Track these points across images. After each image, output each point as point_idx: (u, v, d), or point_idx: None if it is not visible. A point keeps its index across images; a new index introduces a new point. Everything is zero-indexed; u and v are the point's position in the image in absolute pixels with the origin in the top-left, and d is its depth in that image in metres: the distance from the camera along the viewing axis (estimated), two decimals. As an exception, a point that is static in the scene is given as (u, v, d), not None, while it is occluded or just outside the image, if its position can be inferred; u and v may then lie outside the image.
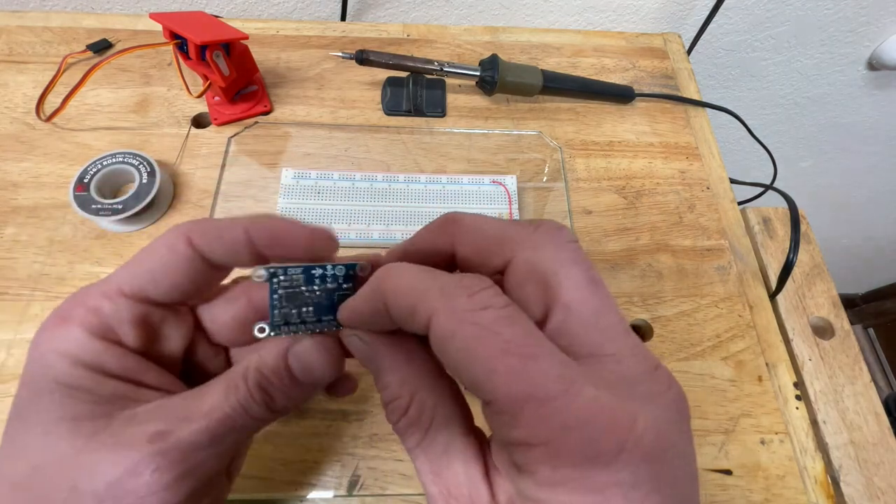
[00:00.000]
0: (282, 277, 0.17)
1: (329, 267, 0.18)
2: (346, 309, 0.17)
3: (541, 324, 0.15)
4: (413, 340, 0.17)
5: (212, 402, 0.16)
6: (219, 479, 0.18)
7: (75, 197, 0.32)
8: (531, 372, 0.12)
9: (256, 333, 0.17)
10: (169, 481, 0.15)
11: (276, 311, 0.17)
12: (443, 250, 0.16)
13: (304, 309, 0.17)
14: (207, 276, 0.18)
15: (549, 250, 0.15)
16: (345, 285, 0.18)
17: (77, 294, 0.17)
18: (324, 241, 0.18)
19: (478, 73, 0.41)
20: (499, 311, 0.13)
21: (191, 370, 0.19)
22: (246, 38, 0.35)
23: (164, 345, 0.18)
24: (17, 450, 0.15)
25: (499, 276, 0.16)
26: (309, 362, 0.17)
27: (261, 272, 0.17)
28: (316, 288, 0.17)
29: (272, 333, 0.17)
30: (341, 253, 0.19)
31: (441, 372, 0.17)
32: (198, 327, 0.19)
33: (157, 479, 0.15)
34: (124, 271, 0.17)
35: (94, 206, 0.32)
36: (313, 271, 0.17)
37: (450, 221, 0.16)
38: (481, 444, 0.16)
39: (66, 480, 0.15)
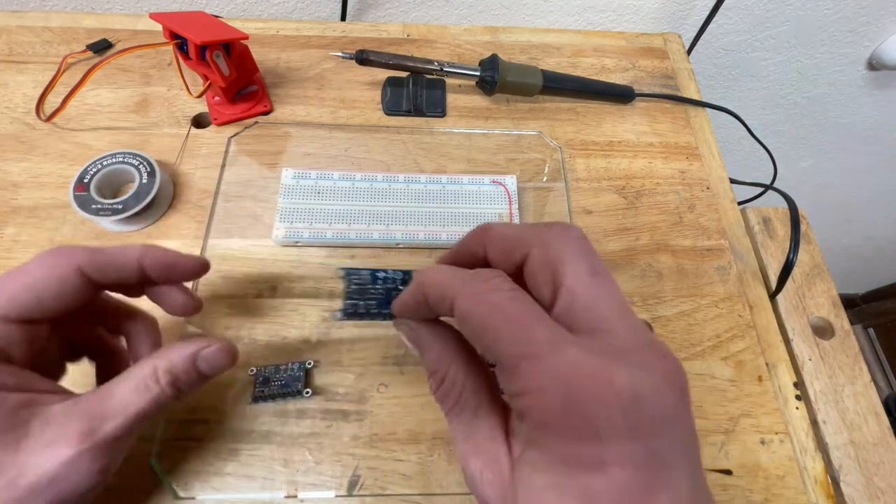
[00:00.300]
0: (354, 277, 0.23)
1: (390, 271, 0.23)
2: (397, 302, 0.21)
3: (550, 306, 0.17)
4: (449, 328, 0.20)
5: (126, 399, 0.20)
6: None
7: (75, 197, 0.32)
8: (527, 336, 0.15)
9: (332, 317, 0.25)
10: (102, 466, 0.19)
11: (348, 301, 0.23)
12: (478, 253, 0.20)
13: (368, 300, 0.23)
14: (92, 293, 0.22)
15: (557, 245, 0.18)
16: (401, 287, 0.23)
17: None
18: (203, 270, 0.25)
19: (478, 73, 0.41)
20: (505, 292, 0.17)
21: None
22: (246, 38, 0.35)
23: (46, 352, 0.22)
24: None
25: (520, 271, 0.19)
26: (215, 362, 0.22)
27: (341, 271, 0.23)
28: (379, 286, 0.23)
29: (343, 317, 0.23)
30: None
31: (472, 353, 0.20)
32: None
33: (94, 466, 0.19)
34: (2, 298, 0.19)
35: (94, 206, 0.32)
36: (378, 273, 0.23)
37: (482, 230, 0.20)
38: (505, 413, 0.18)
39: (2, 480, 0.18)
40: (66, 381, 0.24)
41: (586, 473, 0.14)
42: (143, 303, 0.25)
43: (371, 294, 0.23)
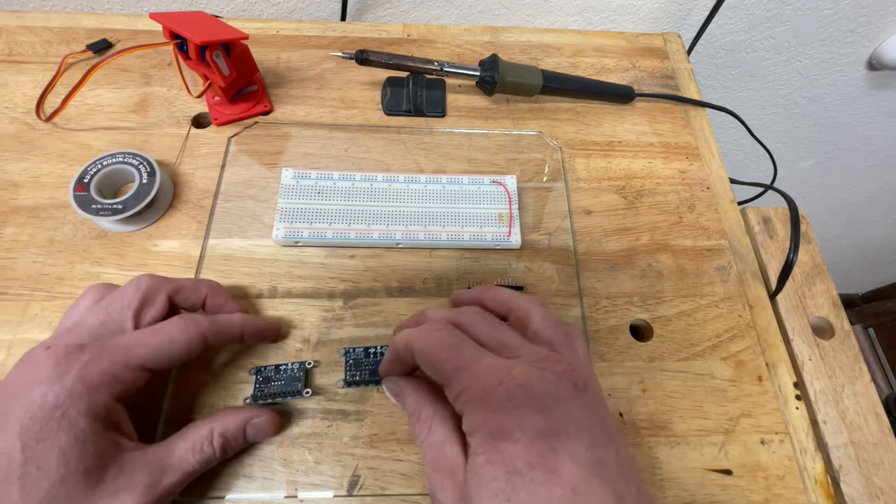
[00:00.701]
0: (352, 353, 0.29)
1: (380, 348, 0.30)
2: (381, 364, 0.27)
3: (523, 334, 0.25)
4: (421, 381, 0.26)
5: (183, 457, 0.23)
6: None
7: (75, 197, 0.32)
8: (458, 354, 0.22)
9: (338, 385, 0.29)
10: None
11: (348, 373, 0.29)
12: (409, 363, 0.25)
13: (364, 371, 0.29)
14: None
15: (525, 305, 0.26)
16: None
17: (100, 357, 0.22)
18: (280, 333, 0.30)
19: (478, 73, 0.41)
20: (443, 331, 0.23)
21: None
22: (246, 38, 0.35)
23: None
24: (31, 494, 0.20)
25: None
26: (262, 431, 0.27)
27: (341, 350, 0.30)
28: (371, 360, 0.29)
29: (345, 386, 0.29)
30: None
31: (439, 397, 0.24)
32: None
33: None
34: (143, 349, 0.23)
35: (94, 206, 0.32)
36: (370, 349, 0.29)
37: (398, 349, 0.25)
38: (463, 435, 0.22)
39: None
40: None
41: (503, 442, 0.19)
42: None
43: (365, 366, 0.29)
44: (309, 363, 0.29)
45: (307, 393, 0.28)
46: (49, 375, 0.21)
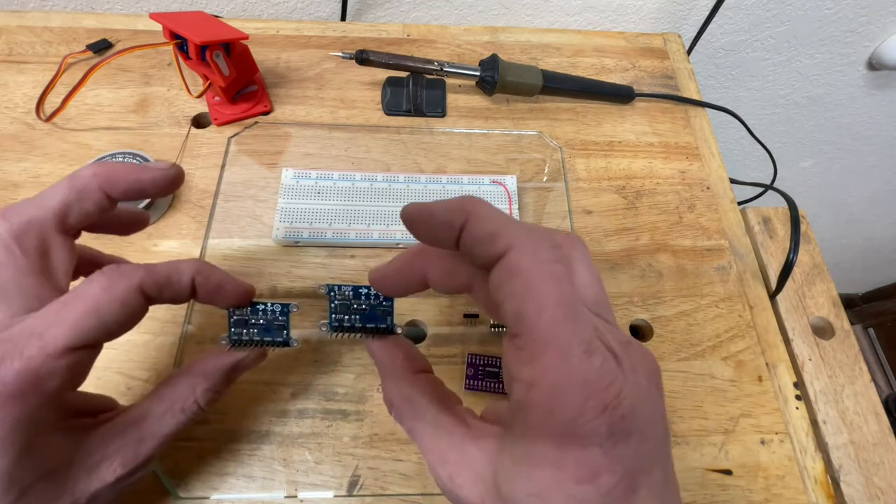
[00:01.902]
0: (337, 292, 0.22)
1: (370, 289, 0.22)
2: (420, 213, 0.18)
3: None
4: (399, 347, 0.22)
5: (159, 420, 0.21)
6: None
7: (75, 197, 0.32)
8: (568, 329, 0.14)
9: (321, 328, 0.23)
10: (135, 480, 0.21)
11: (333, 316, 0.23)
12: (455, 225, 0.17)
13: (353, 315, 0.23)
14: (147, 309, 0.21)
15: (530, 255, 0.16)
16: (385, 302, 0.23)
17: (10, 356, 0.17)
18: (249, 296, 0.23)
19: (478, 73, 0.41)
20: (566, 270, 0.15)
21: None
22: (246, 38, 0.35)
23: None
24: None
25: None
26: (251, 364, 0.24)
27: (323, 288, 0.23)
28: (362, 302, 0.23)
29: (331, 333, 0.23)
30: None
31: (421, 370, 0.21)
32: None
33: (134, 478, 0.21)
34: (63, 328, 0.18)
35: (94, 206, 0.32)
36: (361, 290, 0.23)
37: (468, 202, 0.17)
38: (462, 419, 0.19)
39: None
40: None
41: (576, 485, 0.14)
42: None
43: (354, 309, 0.23)
44: (295, 307, 0.24)
45: (295, 343, 0.24)
46: None
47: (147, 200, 0.32)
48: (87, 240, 0.25)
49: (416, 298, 0.32)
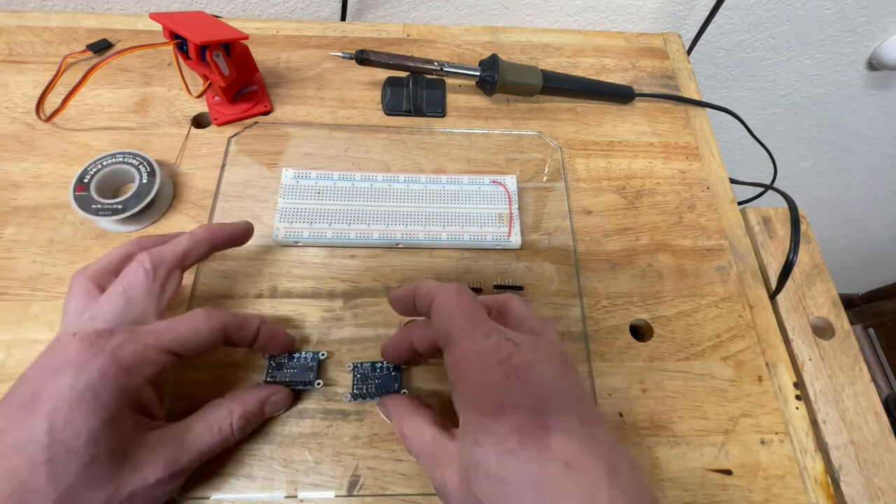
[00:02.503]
0: (359, 368, 0.29)
1: (386, 364, 0.29)
2: (393, 296, 0.27)
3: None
4: (401, 396, 0.28)
5: (199, 436, 0.24)
6: None
7: (75, 197, 0.32)
8: (473, 322, 0.23)
9: (344, 398, 0.29)
10: (173, 488, 0.24)
11: (355, 386, 0.28)
12: (410, 297, 0.25)
13: (369, 385, 0.28)
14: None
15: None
16: (394, 373, 0.29)
17: (132, 340, 0.23)
18: (293, 347, 0.30)
19: (478, 73, 0.41)
20: (469, 297, 0.24)
21: None
22: (246, 38, 0.35)
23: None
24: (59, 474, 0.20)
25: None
26: (278, 406, 0.28)
27: (349, 364, 0.29)
28: (377, 374, 0.29)
29: (352, 399, 0.29)
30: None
31: (419, 403, 0.26)
32: None
33: (167, 489, 0.23)
34: (171, 334, 0.24)
35: (94, 206, 0.32)
36: (377, 364, 0.29)
37: (416, 283, 0.26)
38: (448, 428, 0.24)
39: (104, 493, 0.21)
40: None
41: (494, 422, 0.20)
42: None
43: (371, 380, 0.29)
44: (323, 354, 0.29)
45: (319, 384, 0.28)
46: (80, 358, 0.21)
47: (148, 200, 0.32)
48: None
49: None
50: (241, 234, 0.30)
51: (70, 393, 0.20)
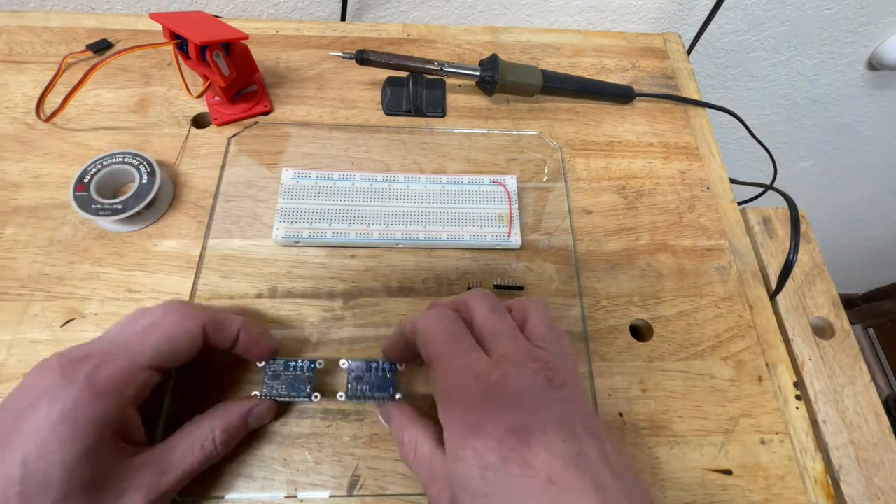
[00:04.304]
0: (353, 367, 0.28)
1: (380, 362, 0.28)
2: (386, 342, 0.28)
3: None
4: (405, 404, 0.27)
5: (182, 456, 0.23)
6: None
7: (75, 197, 0.32)
8: (450, 342, 0.23)
9: (339, 398, 0.28)
10: None
11: (349, 386, 0.28)
12: (405, 332, 0.26)
13: (364, 386, 0.28)
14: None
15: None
16: (389, 374, 0.28)
17: (107, 363, 0.22)
18: (274, 354, 0.28)
19: (478, 73, 0.41)
20: (447, 319, 0.24)
21: None
22: (246, 38, 0.35)
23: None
24: None
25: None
26: (263, 418, 0.27)
27: (344, 363, 0.28)
28: (372, 375, 0.28)
29: (347, 399, 0.28)
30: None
31: (421, 414, 0.26)
32: None
33: None
34: (146, 349, 0.23)
35: (94, 206, 0.32)
36: (372, 364, 0.28)
37: (406, 324, 0.26)
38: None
39: None
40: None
41: (474, 437, 0.20)
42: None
43: (366, 381, 0.28)
44: (319, 363, 0.28)
45: (316, 398, 0.28)
46: (54, 386, 0.21)
47: (147, 200, 0.32)
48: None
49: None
50: (266, 346, 0.28)
51: (45, 424, 0.20)
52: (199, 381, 0.29)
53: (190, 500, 0.26)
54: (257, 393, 0.27)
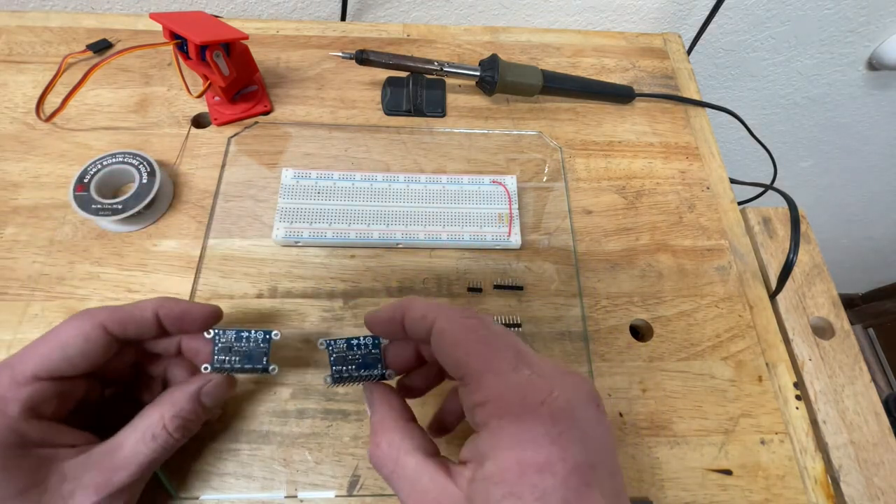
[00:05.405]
0: (334, 346, 0.25)
1: (362, 338, 0.25)
2: (373, 316, 0.24)
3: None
4: (394, 393, 0.24)
5: (133, 449, 0.22)
6: None
7: (75, 197, 0.32)
8: (494, 354, 0.20)
9: (324, 382, 0.25)
10: None
11: (333, 368, 0.25)
12: (397, 318, 0.23)
13: (349, 366, 0.25)
14: (118, 348, 0.23)
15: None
16: (374, 350, 0.25)
17: None
18: (215, 318, 0.25)
19: (478, 73, 0.41)
20: (475, 320, 0.21)
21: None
22: (246, 38, 0.35)
23: (87, 402, 0.23)
24: None
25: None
26: (218, 394, 0.25)
27: (322, 343, 0.25)
28: (355, 352, 0.25)
29: (333, 383, 0.25)
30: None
31: (409, 419, 0.22)
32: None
33: None
34: (33, 359, 0.21)
35: (94, 206, 0.32)
36: (353, 341, 0.25)
37: (403, 300, 0.23)
38: (443, 462, 0.20)
39: None
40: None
41: (537, 474, 0.17)
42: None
43: (350, 360, 0.25)
44: (276, 334, 0.26)
45: (273, 370, 0.25)
46: None
47: (148, 200, 0.32)
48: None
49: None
50: (202, 315, 0.25)
51: None
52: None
53: (189, 499, 0.26)
54: (208, 366, 0.25)
